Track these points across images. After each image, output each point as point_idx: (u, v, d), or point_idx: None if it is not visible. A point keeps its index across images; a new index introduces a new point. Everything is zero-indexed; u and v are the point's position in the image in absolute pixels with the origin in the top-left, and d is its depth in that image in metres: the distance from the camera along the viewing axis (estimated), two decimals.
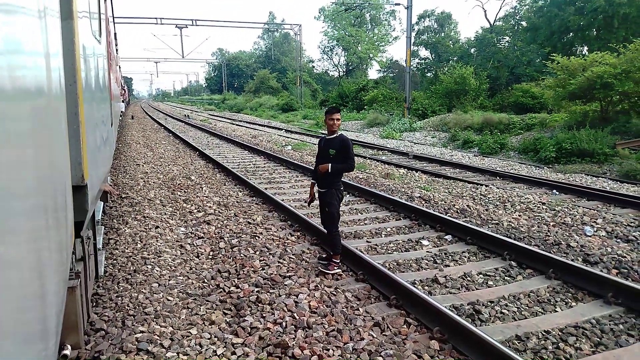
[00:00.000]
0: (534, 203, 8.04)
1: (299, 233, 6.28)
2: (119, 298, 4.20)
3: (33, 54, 1.49)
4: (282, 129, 26.07)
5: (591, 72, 16.07)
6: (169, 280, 4.64)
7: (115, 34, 10.55)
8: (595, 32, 28.53)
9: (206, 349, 3.37)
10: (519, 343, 3.58)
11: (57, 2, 2.16)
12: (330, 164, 4.82)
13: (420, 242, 5.99)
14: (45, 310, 1.55)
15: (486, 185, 9.72)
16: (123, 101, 23.04)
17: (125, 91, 30.10)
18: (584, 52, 28.69)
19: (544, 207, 7.82)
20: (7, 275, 1.08)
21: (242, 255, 5.34)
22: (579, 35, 29.15)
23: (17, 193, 1.20)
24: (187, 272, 4.88)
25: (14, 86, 1.20)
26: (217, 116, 42.18)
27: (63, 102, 2.20)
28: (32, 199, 1.39)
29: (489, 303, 4.26)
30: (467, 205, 7.76)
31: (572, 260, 5.26)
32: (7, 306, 1.07)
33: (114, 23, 10.49)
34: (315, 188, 5.16)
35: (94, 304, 4.07)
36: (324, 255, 5.27)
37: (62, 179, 2.06)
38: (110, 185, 4.98)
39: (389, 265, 5.18)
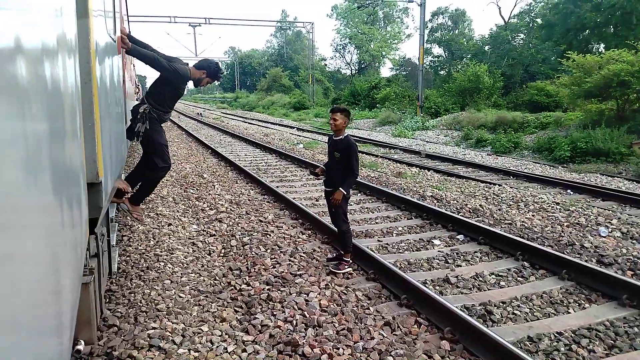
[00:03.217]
0: (548, 203, 7.95)
1: (309, 231, 6.29)
2: (132, 294, 4.25)
3: (49, 52, 1.51)
4: (294, 127, 26.11)
5: (608, 70, 15.81)
6: (181, 277, 4.68)
7: (129, 32, 10.62)
8: (612, 29, 28.00)
9: (217, 346, 3.40)
10: (530, 344, 3.54)
11: (73, 1, 2.19)
12: (341, 190, 4.71)
13: (432, 242, 5.96)
14: (61, 306, 1.57)
15: (499, 185, 9.63)
16: (137, 99, 23.26)
17: (139, 89, 30.34)
18: (600, 50, 28.21)
19: (558, 207, 7.72)
20: (24, 271, 1.10)
21: (253, 253, 5.37)
22: (596, 32, 28.64)
23: (33, 190, 1.22)
24: (199, 270, 4.92)
25: (31, 84, 1.22)
26: (230, 114, 42.38)
27: (78, 99, 2.23)
28: (48, 195, 1.41)
29: (500, 304, 4.23)
30: (480, 205, 7.70)
31: (586, 261, 5.19)
32: (24, 300, 1.09)
33: (129, 21, 10.56)
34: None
35: (107, 300, 4.12)
36: (332, 255, 5.27)
37: (77, 176, 2.09)
38: (125, 181, 5.06)
39: (400, 264, 5.16)
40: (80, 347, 2.99)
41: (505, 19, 41.51)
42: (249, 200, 8.01)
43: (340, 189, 4.73)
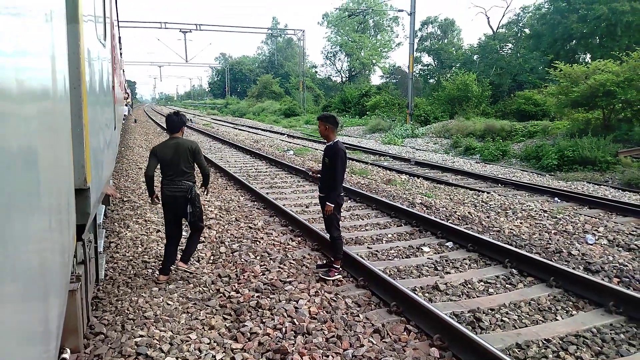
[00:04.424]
0: (536, 211, 8.03)
1: (299, 238, 6.27)
2: (119, 302, 4.20)
3: (39, 56, 1.50)
4: (284, 134, 26.12)
5: (594, 80, 16.07)
6: (169, 285, 4.64)
7: (119, 37, 10.59)
8: (598, 40, 28.55)
9: (205, 354, 3.37)
10: (519, 351, 3.56)
11: (63, 6, 2.18)
12: (329, 204, 4.82)
13: (421, 249, 5.98)
14: (47, 313, 1.55)
15: (488, 193, 9.71)
16: (126, 105, 23.14)
17: (128, 95, 30.20)
18: (586, 60, 28.69)
19: (546, 214, 7.80)
20: (10, 277, 1.08)
21: (242, 260, 5.34)
22: (582, 42, 29.17)
23: (20, 195, 1.20)
24: (187, 277, 4.88)
25: (20, 88, 1.21)
26: (220, 120, 42.26)
27: (67, 104, 2.22)
28: (35, 201, 1.40)
29: (489, 311, 4.25)
30: (469, 212, 7.75)
31: (574, 268, 5.24)
32: (9, 308, 1.07)
33: (119, 27, 10.54)
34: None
35: (94, 307, 4.07)
36: (322, 262, 5.26)
37: (65, 182, 2.06)
38: (113, 187, 5.00)
39: (390, 271, 5.16)
40: (67, 355, 2.94)
41: (494, 29, 42.05)
42: (238, 206, 7.98)
43: (328, 202, 4.81)
